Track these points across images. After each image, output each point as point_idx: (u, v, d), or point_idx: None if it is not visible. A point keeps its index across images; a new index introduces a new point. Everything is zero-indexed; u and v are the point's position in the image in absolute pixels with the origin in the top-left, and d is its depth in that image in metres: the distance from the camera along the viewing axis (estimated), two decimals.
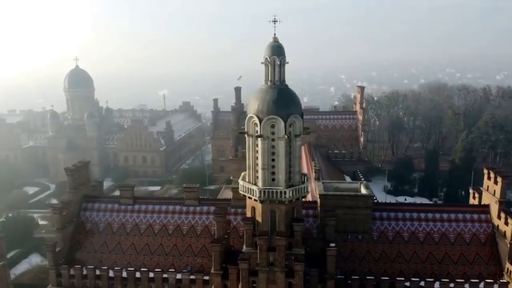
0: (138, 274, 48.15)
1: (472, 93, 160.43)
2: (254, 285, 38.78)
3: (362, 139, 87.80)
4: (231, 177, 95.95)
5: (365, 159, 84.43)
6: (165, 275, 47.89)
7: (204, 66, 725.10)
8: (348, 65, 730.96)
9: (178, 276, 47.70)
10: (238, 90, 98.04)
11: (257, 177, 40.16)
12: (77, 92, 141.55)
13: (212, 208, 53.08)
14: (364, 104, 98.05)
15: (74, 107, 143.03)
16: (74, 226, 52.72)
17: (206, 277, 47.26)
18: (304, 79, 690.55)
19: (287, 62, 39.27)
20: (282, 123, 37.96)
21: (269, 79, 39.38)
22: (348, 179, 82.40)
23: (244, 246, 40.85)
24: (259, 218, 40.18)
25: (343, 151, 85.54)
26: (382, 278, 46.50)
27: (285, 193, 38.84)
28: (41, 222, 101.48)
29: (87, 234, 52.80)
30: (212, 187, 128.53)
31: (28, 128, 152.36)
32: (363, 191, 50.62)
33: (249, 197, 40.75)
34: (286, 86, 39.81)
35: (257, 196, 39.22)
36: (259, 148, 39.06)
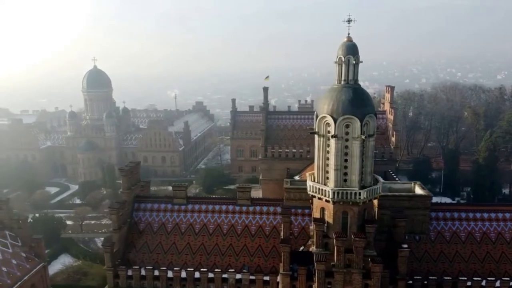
0: (197, 274, 47.99)
1: (487, 92, 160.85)
2: (329, 286, 38.67)
3: (394, 139, 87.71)
4: (260, 177, 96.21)
5: (397, 159, 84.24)
6: (224, 275, 47.75)
7: (203, 66, 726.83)
8: None
9: (238, 276, 47.56)
10: (265, 90, 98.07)
11: (327, 178, 40.11)
12: (95, 93, 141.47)
13: (264, 208, 53.21)
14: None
15: (92, 107, 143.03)
16: (128, 226, 52.51)
17: (266, 277, 47.17)
18: (305, 78, 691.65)
19: (361, 62, 39.23)
20: (358, 123, 37.91)
21: (343, 78, 39.28)
22: (380, 179, 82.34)
23: (314, 247, 40.75)
24: (329, 219, 40.11)
25: (374, 151, 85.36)
26: (445, 278, 46.48)
27: (359, 194, 38.77)
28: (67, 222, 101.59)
29: (141, 235, 52.60)
30: (232, 186, 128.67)
31: (45, 129, 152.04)
32: (419, 191, 50.59)
33: (319, 198, 40.61)
34: (359, 85, 39.79)
35: (329, 197, 39.14)
36: (332, 149, 38.99)
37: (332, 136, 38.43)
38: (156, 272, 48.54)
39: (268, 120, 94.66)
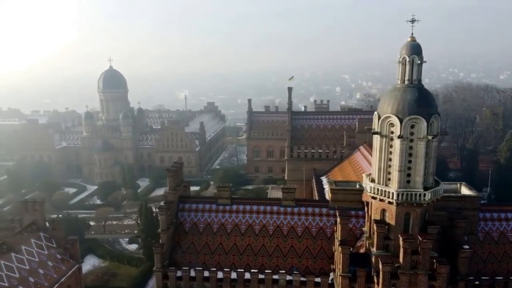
0: (247, 275, 47.72)
1: (502, 93, 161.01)
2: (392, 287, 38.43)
3: None
4: (286, 178, 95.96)
5: None
6: (275, 277, 47.48)
7: (203, 66, 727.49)
8: (348, 64, 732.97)
9: (288, 277, 47.29)
10: (290, 90, 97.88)
11: (389, 179, 39.80)
12: (111, 93, 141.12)
13: (310, 209, 52.91)
14: None
15: (108, 108, 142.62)
16: (174, 227, 52.23)
17: (317, 279, 46.94)
18: (307, 78, 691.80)
19: (425, 61, 39.04)
20: (424, 123, 37.63)
21: (407, 78, 39.04)
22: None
23: (374, 249, 40.49)
24: (391, 221, 39.84)
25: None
26: (496, 278, 46.32)
27: (423, 195, 38.49)
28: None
29: (186, 235, 52.30)
30: (250, 187, 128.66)
31: (59, 129, 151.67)
32: (466, 191, 50.31)
33: (380, 200, 40.32)
34: (423, 85, 39.59)
35: (394, 198, 38.85)
36: (396, 149, 38.67)
37: (398, 137, 38.10)
38: (206, 273, 48.24)
39: (294, 120, 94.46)
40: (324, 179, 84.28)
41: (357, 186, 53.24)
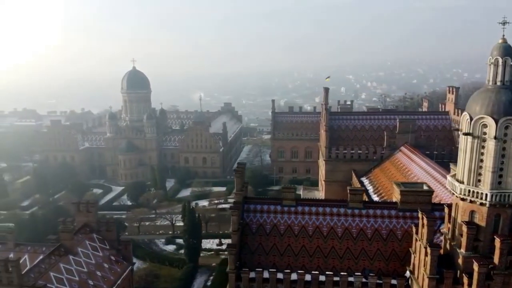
0: (322, 277, 47.41)
1: None
2: None
3: None
4: (324, 179, 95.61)
5: None
6: (350, 279, 47.19)
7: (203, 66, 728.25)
8: (352, 65, 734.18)
9: (364, 279, 47.01)
10: (326, 90, 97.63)
11: (479, 180, 39.59)
12: (135, 94, 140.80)
13: (378, 211, 52.56)
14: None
15: (132, 108, 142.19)
16: (242, 228, 51.91)
17: (394, 281, 46.69)
18: (311, 79, 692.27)
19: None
20: None
21: (499, 79, 38.86)
22: None
23: (463, 250, 40.26)
24: (481, 222, 39.63)
25: (442, 152, 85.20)
26: None
27: None
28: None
29: (254, 236, 51.96)
30: (275, 187, 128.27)
31: (81, 130, 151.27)
32: None
33: (470, 201, 40.07)
34: None
35: (488, 199, 38.65)
36: (490, 150, 38.46)
37: (493, 138, 37.89)
38: (280, 275, 47.90)
39: (332, 120, 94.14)
40: (365, 180, 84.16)
41: (425, 188, 52.96)
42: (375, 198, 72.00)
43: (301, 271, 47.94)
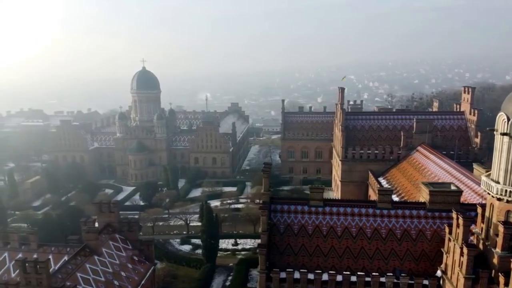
0: (353, 278, 47.30)
1: None
2: None
3: (478, 140, 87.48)
4: (340, 179, 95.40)
5: (482, 160, 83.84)
6: (382, 279, 47.06)
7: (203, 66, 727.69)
8: (353, 65, 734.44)
9: (396, 280, 46.87)
10: (342, 90, 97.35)
11: None
12: (145, 94, 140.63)
13: (407, 212, 52.45)
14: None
15: (141, 109, 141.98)
16: (270, 228, 51.74)
17: (425, 282, 46.56)
18: (312, 79, 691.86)
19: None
20: None
21: None
22: None
23: (499, 250, 40.18)
24: None
25: (459, 152, 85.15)
26: None
27: None
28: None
29: (282, 236, 51.83)
30: (286, 187, 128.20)
31: (90, 130, 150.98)
32: None
33: (507, 201, 40.00)
34: None
35: None
36: None
37: None
38: (311, 276, 47.76)
39: (348, 120, 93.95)
40: (382, 180, 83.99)
41: (453, 188, 52.86)
42: (395, 198, 71.70)
43: (332, 272, 47.79)
